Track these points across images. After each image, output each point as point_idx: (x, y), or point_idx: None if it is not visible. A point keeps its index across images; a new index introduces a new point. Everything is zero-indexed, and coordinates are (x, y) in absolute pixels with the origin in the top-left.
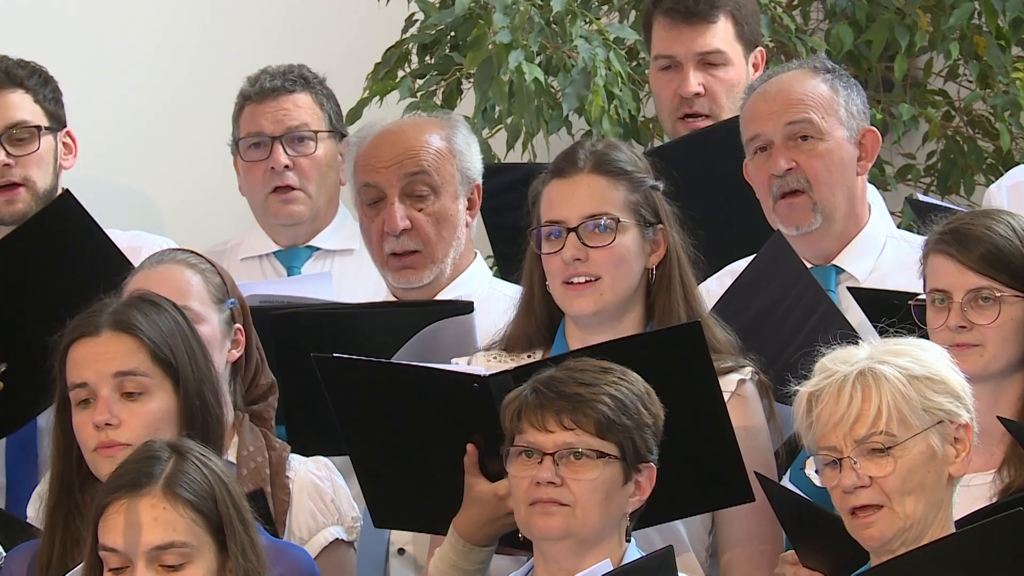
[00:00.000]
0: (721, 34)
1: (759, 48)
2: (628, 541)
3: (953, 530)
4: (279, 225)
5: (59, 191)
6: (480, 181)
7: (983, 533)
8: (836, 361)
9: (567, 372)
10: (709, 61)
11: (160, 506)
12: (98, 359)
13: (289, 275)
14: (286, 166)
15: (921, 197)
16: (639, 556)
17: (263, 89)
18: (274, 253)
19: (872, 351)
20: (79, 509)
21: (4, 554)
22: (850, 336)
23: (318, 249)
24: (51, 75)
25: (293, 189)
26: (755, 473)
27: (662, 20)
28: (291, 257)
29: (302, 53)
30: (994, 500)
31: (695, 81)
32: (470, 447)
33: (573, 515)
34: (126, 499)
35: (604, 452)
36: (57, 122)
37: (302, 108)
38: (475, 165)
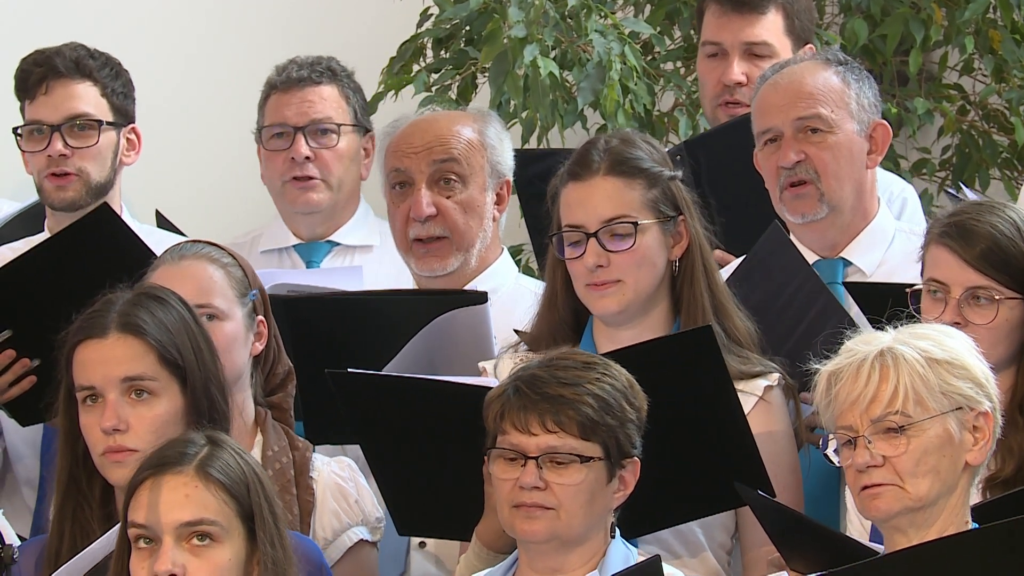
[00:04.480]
0: (770, 26)
1: (809, 44)
2: (612, 537)
3: (968, 519)
4: (297, 214)
5: (116, 186)
6: (511, 178)
7: (989, 535)
8: (859, 343)
9: (549, 370)
10: (755, 52)
11: (192, 484)
12: (105, 363)
13: (308, 269)
14: (307, 157)
15: None
16: (623, 551)
17: (289, 79)
18: (294, 247)
19: (896, 334)
20: (87, 501)
21: (19, 544)
22: (851, 328)
23: (338, 244)
24: (124, 69)
25: (312, 179)
26: (736, 484)
27: (713, 7)
28: (311, 251)
29: (316, 47)
30: (980, 487)
31: (738, 70)
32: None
33: (557, 518)
34: (159, 477)
35: (588, 456)
36: (124, 117)
37: (327, 100)
38: (506, 161)
